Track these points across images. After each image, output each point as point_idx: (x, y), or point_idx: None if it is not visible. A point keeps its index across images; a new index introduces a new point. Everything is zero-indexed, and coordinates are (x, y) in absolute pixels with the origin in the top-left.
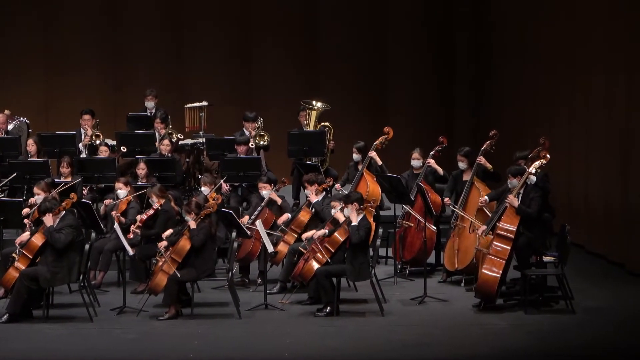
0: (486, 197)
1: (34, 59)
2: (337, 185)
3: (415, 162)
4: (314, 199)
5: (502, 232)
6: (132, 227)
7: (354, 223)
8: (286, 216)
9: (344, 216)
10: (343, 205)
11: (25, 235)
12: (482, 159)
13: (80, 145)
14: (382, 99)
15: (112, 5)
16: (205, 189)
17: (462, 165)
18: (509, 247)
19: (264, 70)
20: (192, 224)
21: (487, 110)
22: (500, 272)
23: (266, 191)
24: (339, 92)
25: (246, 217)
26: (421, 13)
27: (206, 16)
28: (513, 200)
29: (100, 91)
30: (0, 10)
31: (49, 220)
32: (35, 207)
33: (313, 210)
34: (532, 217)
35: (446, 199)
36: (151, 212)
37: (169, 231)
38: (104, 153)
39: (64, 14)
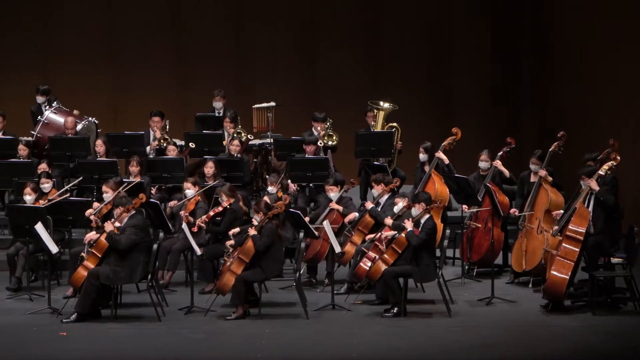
0: (562, 212)
1: (102, 60)
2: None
3: (483, 164)
4: (370, 205)
5: (571, 234)
6: (198, 221)
7: (409, 229)
8: (353, 215)
9: (411, 222)
10: (405, 205)
11: (94, 234)
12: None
13: (148, 148)
14: (449, 100)
15: (181, 6)
16: (272, 189)
17: (534, 167)
18: (577, 249)
19: (332, 71)
20: (252, 231)
21: (553, 111)
22: (569, 273)
23: (333, 193)
24: (407, 93)
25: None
26: (486, 13)
27: (274, 17)
28: (593, 183)
29: (169, 91)
30: (69, 12)
31: (109, 226)
32: (102, 205)
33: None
34: (611, 204)
35: (513, 210)
36: (219, 209)
37: (236, 229)
38: (172, 152)
39: (131, 14)
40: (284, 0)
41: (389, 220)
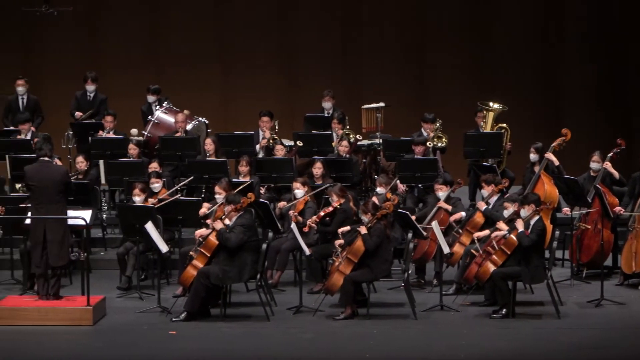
0: None
1: (212, 60)
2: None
3: (595, 165)
4: (483, 206)
5: None
6: (309, 222)
7: (521, 229)
8: (459, 215)
9: (523, 221)
10: (516, 209)
11: (206, 230)
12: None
13: (257, 147)
14: (560, 101)
15: (291, 6)
16: (380, 190)
17: None
18: None
19: (442, 71)
20: (363, 230)
21: None
22: None
23: (442, 193)
24: (517, 93)
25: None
26: (595, 14)
27: (384, 17)
28: None
29: (278, 91)
30: (179, 12)
31: (218, 224)
32: (218, 205)
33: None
34: None
35: (618, 208)
36: (330, 209)
37: (346, 228)
38: (280, 152)
39: (240, 14)
40: (394, 0)
41: (503, 225)
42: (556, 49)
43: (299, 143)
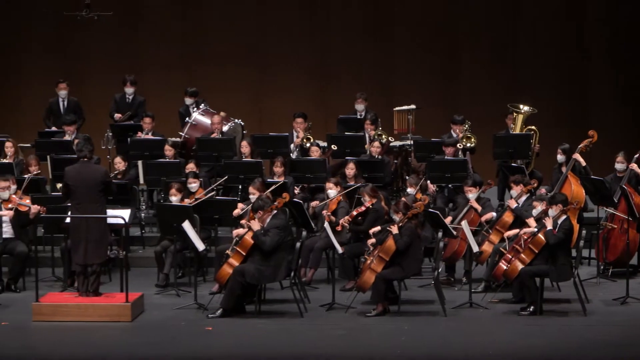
0: None
1: (248, 62)
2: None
3: (619, 166)
4: (514, 204)
5: None
6: (342, 221)
7: (549, 227)
8: (490, 215)
9: (551, 219)
10: (544, 207)
11: (243, 230)
12: None
13: (292, 145)
14: (586, 103)
15: (323, 9)
16: (411, 190)
17: None
18: None
19: (471, 74)
20: (394, 229)
21: None
22: None
23: (472, 194)
24: (544, 96)
25: (449, 218)
26: (620, 15)
27: (415, 20)
28: None
29: (312, 93)
30: (216, 13)
31: (255, 224)
32: (248, 207)
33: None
34: None
35: None
36: (362, 209)
37: (377, 228)
38: (315, 153)
39: (272, 15)
40: (423, 4)
41: (532, 222)
42: (583, 51)
43: (334, 147)
